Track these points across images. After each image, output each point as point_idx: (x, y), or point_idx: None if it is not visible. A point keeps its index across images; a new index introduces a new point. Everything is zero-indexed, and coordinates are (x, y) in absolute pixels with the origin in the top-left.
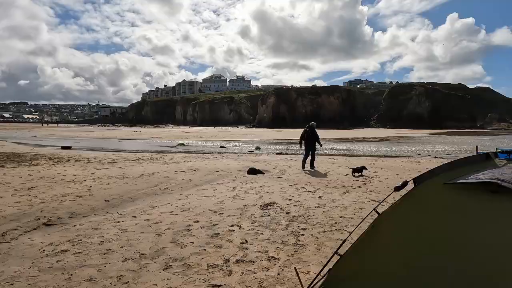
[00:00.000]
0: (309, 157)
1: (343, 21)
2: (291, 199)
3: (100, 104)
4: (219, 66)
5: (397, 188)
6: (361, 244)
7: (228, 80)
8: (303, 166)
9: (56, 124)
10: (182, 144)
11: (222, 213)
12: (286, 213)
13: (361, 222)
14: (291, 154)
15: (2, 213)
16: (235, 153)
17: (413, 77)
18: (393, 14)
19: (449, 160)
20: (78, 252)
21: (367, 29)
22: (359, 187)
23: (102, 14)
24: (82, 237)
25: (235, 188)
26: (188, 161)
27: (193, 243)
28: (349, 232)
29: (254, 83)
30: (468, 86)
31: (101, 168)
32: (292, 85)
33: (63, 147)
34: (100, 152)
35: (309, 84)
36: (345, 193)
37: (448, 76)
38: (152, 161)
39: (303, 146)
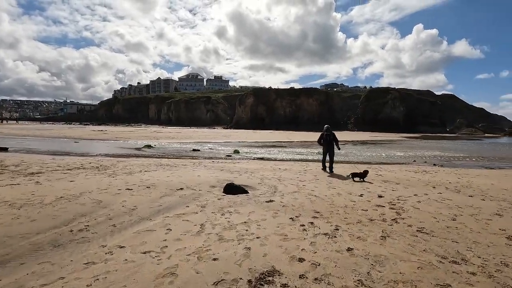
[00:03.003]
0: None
1: (318, 26)
2: (303, 258)
3: (68, 101)
4: (195, 66)
5: None
6: None
7: (205, 79)
8: (323, 168)
9: (15, 121)
10: (149, 146)
11: None
12: None
13: None
14: (276, 160)
15: None
16: (209, 158)
17: (383, 83)
18: (365, 22)
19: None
20: None
21: (340, 36)
22: (396, 221)
23: (71, 7)
24: None
25: (203, 227)
26: (145, 171)
27: None
28: None
29: (231, 83)
30: (435, 93)
31: (6, 184)
32: (270, 87)
33: None
34: (37, 156)
35: (286, 87)
36: (384, 237)
37: (415, 83)
38: (96, 170)
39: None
